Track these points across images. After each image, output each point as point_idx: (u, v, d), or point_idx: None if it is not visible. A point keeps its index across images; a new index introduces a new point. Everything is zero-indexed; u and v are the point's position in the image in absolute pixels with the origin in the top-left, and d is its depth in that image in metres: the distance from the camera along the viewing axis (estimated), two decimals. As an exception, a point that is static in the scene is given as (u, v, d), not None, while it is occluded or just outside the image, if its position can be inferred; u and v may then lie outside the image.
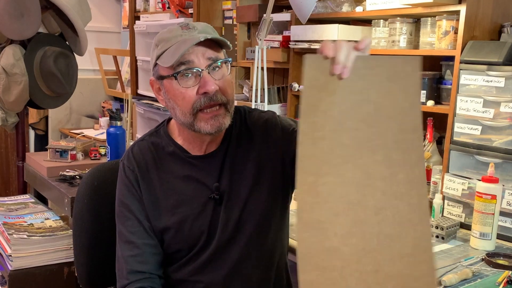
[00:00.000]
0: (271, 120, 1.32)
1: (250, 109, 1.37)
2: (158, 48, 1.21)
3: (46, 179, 2.29)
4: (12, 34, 2.44)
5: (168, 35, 1.21)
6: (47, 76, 2.53)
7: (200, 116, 1.19)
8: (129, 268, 1.24)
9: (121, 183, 1.30)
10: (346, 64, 0.88)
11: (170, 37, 1.20)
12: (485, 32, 1.84)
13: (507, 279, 1.35)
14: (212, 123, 1.19)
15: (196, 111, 1.19)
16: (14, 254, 1.90)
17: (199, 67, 1.18)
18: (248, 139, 1.30)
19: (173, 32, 1.20)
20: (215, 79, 1.19)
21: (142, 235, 1.25)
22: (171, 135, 1.31)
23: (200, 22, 1.25)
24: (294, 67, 2.50)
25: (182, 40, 1.18)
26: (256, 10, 2.62)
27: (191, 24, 1.22)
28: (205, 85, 1.17)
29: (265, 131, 1.30)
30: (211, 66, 1.19)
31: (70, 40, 2.66)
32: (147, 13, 3.51)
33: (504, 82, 1.66)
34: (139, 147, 1.31)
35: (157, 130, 1.35)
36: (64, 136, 3.79)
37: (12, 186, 4.05)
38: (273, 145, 1.29)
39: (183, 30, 1.20)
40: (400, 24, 2.04)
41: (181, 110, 1.20)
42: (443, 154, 1.88)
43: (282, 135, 1.29)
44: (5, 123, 2.67)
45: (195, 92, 1.18)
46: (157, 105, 3.12)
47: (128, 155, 1.31)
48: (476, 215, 1.59)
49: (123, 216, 1.27)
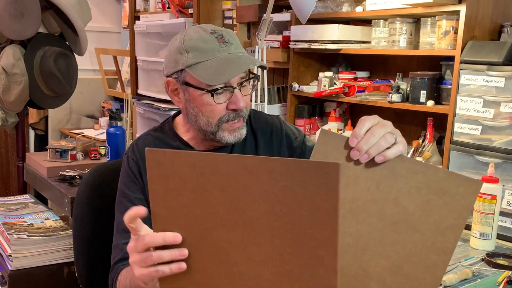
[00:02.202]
0: (277, 127, 1.35)
1: (255, 111, 1.39)
2: (188, 55, 1.17)
3: (46, 179, 2.29)
4: (12, 34, 2.44)
5: (203, 46, 1.17)
6: (47, 76, 2.53)
7: (224, 126, 1.21)
8: (122, 255, 1.21)
9: (124, 175, 1.30)
10: (370, 152, 0.87)
11: (206, 48, 1.17)
12: (485, 32, 1.84)
13: (507, 279, 1.35)
14: (235, 134, 1.22)
15: (221, 123, 1.21)
16: (14, 254, 1.90)
17: (232, 84, 1.19)
18: (253, 142, 1.33)
19: (209, 44, 1.17)
20: (242, 95, 1.21)
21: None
22: (176, 131, 1.32)
23: (228, 31, 1.22)
24: (294, 67, 2.50)
25: (226, 59, 1.17)
26: (256, 10, 2.62)
27: (224, 36, 1.19)
28: (236, 103, 1.19)
29: (269, 137, 1.34)
30: (243, 83, 1.21)
31: (70, 40, 2.66)
32: (147, 13, 3.51)
33: (504, 82, 1.66)
34: (144, 141, 1.31)
35: (162, 126, 1.35)
36: (64, 136, 3.79)
37: (12, 186, 4.05)
38: (276, 152, 1.33)
39: (220, 43, 1.17)
40: (400, 24, 2.04)
41: (206, 119, 1.21)
42: (443, 154, 1.88)
43: (286, 143, 1.34)
44: (5, 123, 2.67)
45: (224, 106, 1.20)
46: (157, 105, 3.12)
47: (132, 147, 1.31)
48: (476, 215, 1.59)
49: (123, 205, 1.26)
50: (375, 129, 0.90)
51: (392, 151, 0.89)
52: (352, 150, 0.88)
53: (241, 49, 1.21)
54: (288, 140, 1.34)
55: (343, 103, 2.48)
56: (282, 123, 1.37)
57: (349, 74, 2.42)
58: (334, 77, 2.40)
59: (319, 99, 2.46)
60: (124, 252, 1.19)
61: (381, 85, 2.28)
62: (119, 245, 1.23)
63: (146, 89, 3.50)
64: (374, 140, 0.88)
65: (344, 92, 2.24)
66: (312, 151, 0.91)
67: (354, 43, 2.27)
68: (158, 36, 3.29)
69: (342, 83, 2.32)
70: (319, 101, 2.55)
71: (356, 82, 2.31)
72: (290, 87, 2.50)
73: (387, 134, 0.89)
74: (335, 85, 2.35)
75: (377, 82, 2.30)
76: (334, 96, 2.32)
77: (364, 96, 2.23)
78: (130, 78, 3.72)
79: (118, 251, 1.23)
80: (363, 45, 2.28)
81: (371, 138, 0.88)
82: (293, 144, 1.34)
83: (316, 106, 2.56)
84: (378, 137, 0.89)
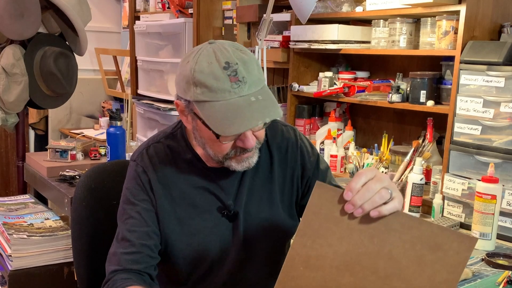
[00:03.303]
0: (292, 142, 1.29)
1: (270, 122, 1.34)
2: (197, 90, 1.07)
3: (46, 179, 2.29)
4: (12, 34, 2.44)
5: (213, 84, 1.05)
6: (47, 76, 2.53)
7: (233, 158, 1.15)
8: (120, 266, 1.15)
9: (131, 182, 1.23)
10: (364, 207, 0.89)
11: (216, 88, 1.05)
12: (485, 32, 1.84)
13: (507, 279, 1.35)
14: (243, 164, 1.16)
15: (228, 157, 1.15)
16: (14, 254, 1.90)
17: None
18: (268, 158, 1.27)
19: (220, 83, 1.05)
20: (254, 132, 1.13)
21: (142, 236, 1.18)
22: (189, 140, 1.24)
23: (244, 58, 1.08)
24: (294, 67, 2.50)
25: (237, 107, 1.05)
26: (256, 10, 2.62)
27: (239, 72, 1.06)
28: (245, 142, 1.11)
29: (285, 152, 1.28)
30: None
31: (70, 40, 2.66)
32: (147, 13, 3.51)
33: (504, 82, 1.65)
34: (155, 150, 1.24)
35: (174, 132, 1.26)
36: (64, 136, 3.79)
37: (12, 186, 4.05)
38: (290, 167, 1.28)
39: (232, 83, 1.05)
40: (400, 24, 2.04)
41: (213, 152, 1.16)
42: (443, 154, 1.88)
43: (300, 160, 1.29)
44: (5, 123, 2.67)
45: (232, 143, 1.13)
46: (157, 105, 3.12)
47: (142, 155, 1.24)
48: (476, 215, 1.59)
49: (126, 214, 1.21)
50: (371, 184, 0.91)
51: (387, 208, 0.90)
52: (347, 204, 0.90)
53: (256, 86, 1.08)
54: (302, 158, 1.29)
55: (343, 103, 2.48)
56: (298, 137, 1.31)
57: (349, 74, 2.42)
58: (334, 77, 2.40)
59: (319, 99, 2.46)
60: (123, 263, 1.16)
61: (381, 85, 2.28)
62: (118, 254, 1.17)
63: (146, 89, 3.50)
64: (368, 195, 0.90)
65: (344, 92, 2.24)
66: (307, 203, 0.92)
67: (354, 43, 2.27)
68: (158, 36, 3.29)
69: (342, 83, 2.32)
70: (319, 101, 2.55)
71: (356, 82, 2.31)
72: (290, 87, 2.50)
73: (382, 190, 0.91)
74: (335, 85, 2.35)
75: (377, 82, 2.30)
76: (334, 96, 2.32)
77: (364, 96, 2.23)
78: (130, 78, 3.72)
79: (116, 260, 1.17)
80: (363, 45, 2.28)
81: (366, 193, 0.90)
82: (306, 163, 1.29)
83: (316, 106, 2.56)
84: (373, 193, 0.90)
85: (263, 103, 1.07)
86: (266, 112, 1.07)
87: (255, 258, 1.26)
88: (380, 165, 2.03)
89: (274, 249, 1.29)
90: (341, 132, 2.40)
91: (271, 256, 1.28)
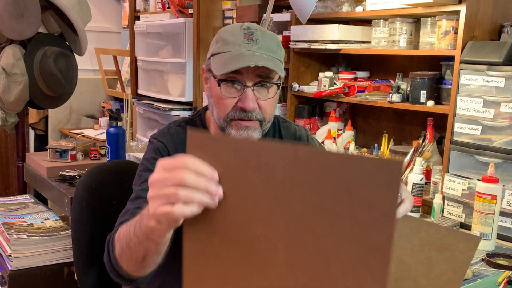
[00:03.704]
0: (303, 138, 1.38)
1: (284, 119, 1.41)
2: (216, 45, 1.20)
3: (46, 179, 2.29)
4: (12, 34, 2.44)
5: (229, 38, 1.18)
6: (47, 76, 2.53)
7: (233, 123, 1.19)
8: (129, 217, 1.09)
9: (150, 153, 1.26)
10: None
11: (230, 41, 1.17)
12: (485, 32, 1.84)
13: (507, 279, 1.35)
14: (242, 133, 1.19)
15: (229, 119, 1.19)
16: (14, 254, 1.90)
17: (244, 82, 1.17)
18: None
19: (235, 37, 1.17)
20: (257, 97, 1.18)
21: None
22: (207, 126, 1.31)
23: (266, 32, 1.20)
24: (294, 67, 2.50)
25: (239, 54, 1.15)
26: (256, 10, 2.62)
27: (255, 34, 1.17)
28: (244, 101, 1.17)
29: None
30: (257, 84, 1.18)
31: (70, 40, 2.66)
32: (147, 13, 3.51)
33: (504, 82, 1.65)
34: (176, 130, 1.30)
35: (193, 118, 1.34)
36: (64, 136, 3.79)
37: (12, 186, 4.05)
38: None
39: (245, 39, 1.16)
40: (400, 24, 2.04)
41: (217, 112, 1.21)
42: (443, 154, 1.88)
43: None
44: (5, 123, 2.67)
45: (234, 102, 1.18)
46: (157, 105, 3.12)
47: (163, 133, 1.29)
48: (476, 215, 1.59)
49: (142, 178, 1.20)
50: None
51: (399, 211, 0.91)
52: None
53: (267, 51, 1.16)
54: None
55: (343, 103, 2.48)
56: (309, 137, 1.39)
57: (349, 74, 2.42)
58: (334, 77, 2.40)
59: (319, 99, 2.46)
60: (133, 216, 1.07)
61: (381, 85, 2.28)
62: (130, 209, 1.15)
63: (146, 89, 3.50)
64: None
65: (344, 92, 2.24)
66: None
67: (354, 43, 2.27)
68: (158, 36, 3.29)
69: (342, 83, 2.32)
70: (319, 101, 2.55)
71: (356, 82, 2.31)
72: (290, 87, 2.50)
73: None
74: (335, 85, 2.35)
75: (377, 82, 2.30)
76: (334, 96, 2.32)
77: (364, 96, 2.23)
78: (130, 78, 3.72)
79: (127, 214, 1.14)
80: (363, 45, 2.28)
81: None
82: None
83: (316, 106, 2.56)
84: None
85: (266, 58, 1.15)
86: (265, 62, 1.14)
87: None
88: (380, 165, 2.03)
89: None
90: (341, 132, 2.40)
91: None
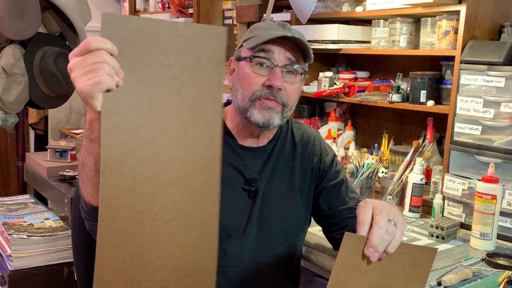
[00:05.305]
0: (313, 141, 1.41)
1: (296, 121, 1.45)
2: (249, 33, 1.28)
3: (46, 179, 2.29)
4: (12, 34, 2.44)
5: (263, 25, 1.27)
6: (47, 76, 2.53)
7: (257, 103, 1.23)
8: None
9: None
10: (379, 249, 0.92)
11: (264, 27, 1.25)
12: (485, 32, 1.84)
13: (507, 279, 1.35)
14: (264, 113, 1.23)
15: (255, 98, 1.23)
16: (14, 254, 1.90)
17: (275, 61, 1.22)
18: (292, 152, 1.38)
19: (269, 25, 1.26)
20: (285, 80, 1.23)
21: None
22: (224, 118, 1.33)
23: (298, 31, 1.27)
24: (294, 67, 2.49)
25: (274, 33, 1.22)
26: (256, 10, 2.62)
27: (288, 25, 1.26)
28: (272, 79, 1.21)
29: (306, 150, 1.39)
30: (287, 66, 1.24)
31: (70, 40, 2.66)
32: (147, 13, 3.51)
33: (504, 82, 1.65)
34: None
35: None
36: (64, 136, 3.78)
37: (12, 186, 4.05)
38: (309, 164, 1.38)
39: (279, 26, 1.25)
40: (400, 24, 2.04)
41: (243, 93, 1.25)
42: (443, 154, 1.88)
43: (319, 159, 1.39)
44: (5, 123, 2.67)
45: (262, 81, 1.22)
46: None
47: None
48: (476, 215, 1.59)
49: None
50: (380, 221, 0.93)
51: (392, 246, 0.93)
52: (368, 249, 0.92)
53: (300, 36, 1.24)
54: (320, 154, 1.40)
55: (343, 103, 2.48)
56: (320, 139, 1.43)
57: (349, 74, 2.42)
58: (334, 77, 2.40)
59: (319, 99, 2.46)
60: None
61: (381, 85, 2.28)
62: None
63: (146, 89, 3.49)
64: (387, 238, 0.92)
65: (344, 92, 2.24)
66: (338, 255, 0.93)
67: (354, 43, 2.27)
68: (158, 36, 3.28)
69: (342, 83, 2.32)
70: (319, 101, 2.55)
71: (356, 82, 2.31)
72: (290, 87, 2.50)
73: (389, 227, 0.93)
74: (335, 85, 2.35)
75: (377, 82, 2.30)
76: (334, 96, 2.32)
77: (364, 96, 2.23)
78: (130, 78, 3.71)
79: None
80: (363, 45, 2.28)
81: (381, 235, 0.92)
82: (324, 158, 1.40)
83: (316, 106, 2.56)
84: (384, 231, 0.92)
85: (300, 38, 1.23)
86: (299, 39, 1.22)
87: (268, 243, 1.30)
88: (380, 165, 2.03)
89: (286, 238, 1.33)
90: (341, 132, 2.40)
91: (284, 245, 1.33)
